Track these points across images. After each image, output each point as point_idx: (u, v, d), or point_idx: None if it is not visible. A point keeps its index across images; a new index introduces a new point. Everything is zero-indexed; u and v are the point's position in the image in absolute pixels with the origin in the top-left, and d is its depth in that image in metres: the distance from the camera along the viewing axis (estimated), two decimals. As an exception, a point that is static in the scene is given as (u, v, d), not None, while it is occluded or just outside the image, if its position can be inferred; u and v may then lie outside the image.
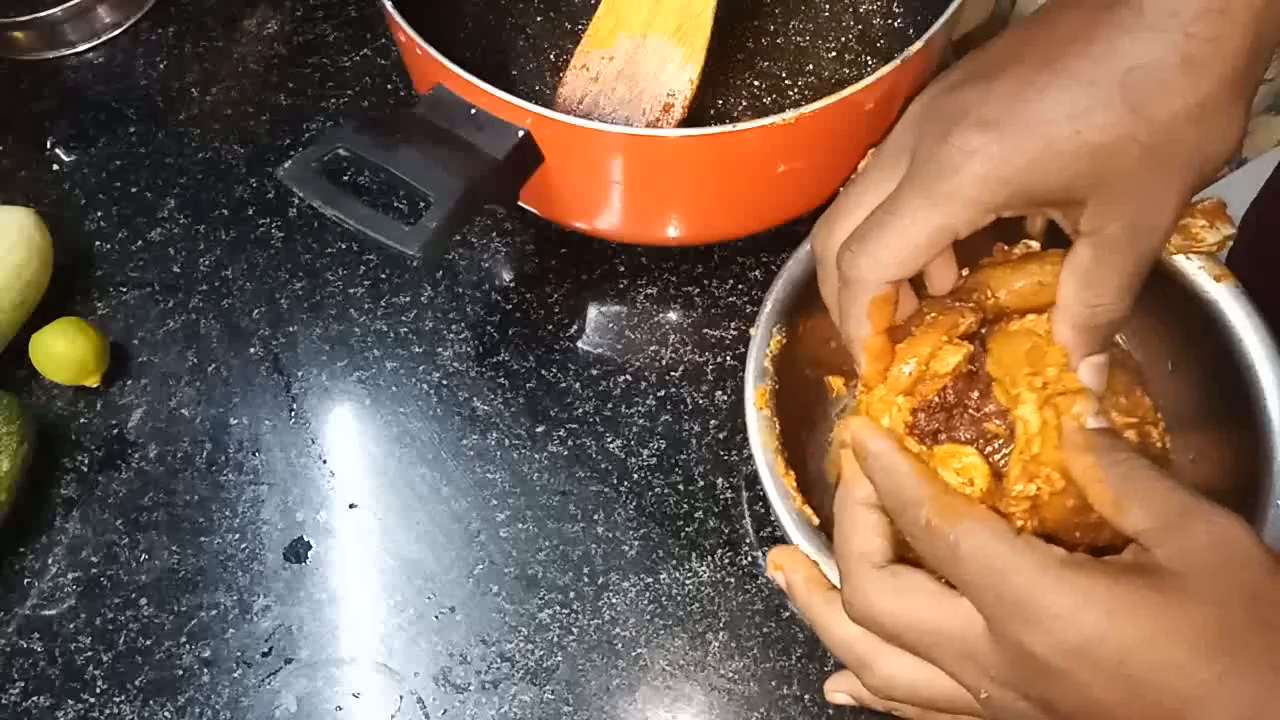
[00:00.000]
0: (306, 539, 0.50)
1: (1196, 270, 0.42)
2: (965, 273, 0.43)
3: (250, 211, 0.59)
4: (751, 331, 0.43)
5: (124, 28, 0.66)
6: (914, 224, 0.34)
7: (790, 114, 0.43)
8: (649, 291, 0.56)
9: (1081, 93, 0.32)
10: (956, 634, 0.31)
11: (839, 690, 0.39)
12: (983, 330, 0.39)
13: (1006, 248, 0.42)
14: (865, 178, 0.37)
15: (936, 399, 0.38)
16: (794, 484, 0.41)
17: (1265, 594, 0.28)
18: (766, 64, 0.60)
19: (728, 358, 0.54)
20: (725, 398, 0.53)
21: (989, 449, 0.37)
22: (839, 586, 0.36)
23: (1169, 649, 0.27)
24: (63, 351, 0.51)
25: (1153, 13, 0.32)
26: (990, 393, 0.37)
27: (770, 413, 0.42)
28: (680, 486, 0.51)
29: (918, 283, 0.38)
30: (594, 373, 0.54)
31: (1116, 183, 0.32)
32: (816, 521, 0.41)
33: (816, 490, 0.44)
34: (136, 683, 0.47)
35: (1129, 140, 0.32)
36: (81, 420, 0.53)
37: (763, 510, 0.50)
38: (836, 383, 0.48)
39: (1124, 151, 0.32)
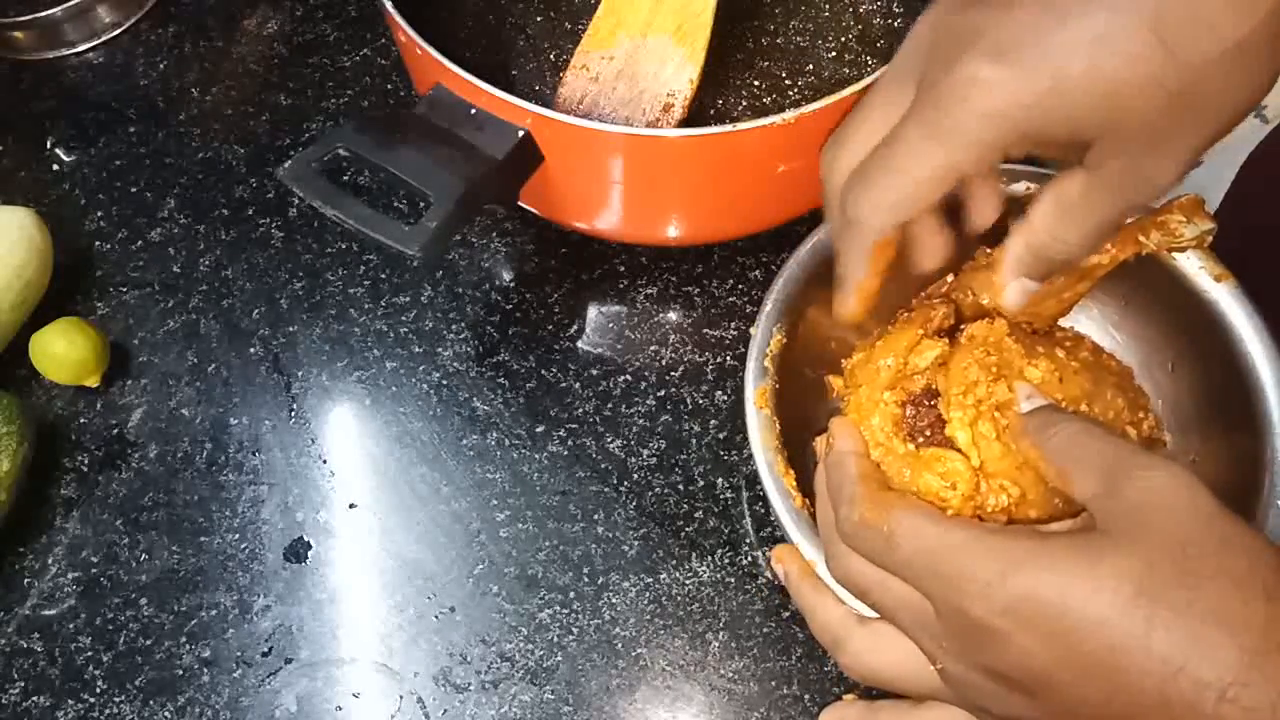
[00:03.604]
0: (306, 539, 0.50)
1: (1197, 270, 0.42)
2: (950, 278, 0.43)
3: (250, 211, 0.59)
4: (751, 331, 0.43)
5: (124, 28, 0.66)
6: (916, 164, 0.31)
7: (790, 114, 0.43)
8: (649, 291, 0.56)
9: (1107, 21, 0.29)
10: (915, 602, 0.32)
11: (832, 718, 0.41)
12: (962, 328, 0.39)
13: (990, 252, 0.42)
14: (872, 99, 0.35)
15: (922, 393, 0.38)
16: (794, 484, 0.41)
17: (1195, 543, 0.28)
18: (766, 64, 0.60)
19: (728, 358, 0.54)
20: (725, 398, 0.53)
21: None
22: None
23: (1096, 602, 0.27)
24: (63, 351, 0.51)
25: None
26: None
27: (770, 412, 0.42)
28: (680, 486, 0.51)
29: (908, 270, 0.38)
30: (594, 373, 0.54)
31: (1132, 127, 0.30)
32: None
33: (816, 490, 0.44)
34: (136, 683, 0.47)
35: (1154, 84, 0.29)
36: (81, 420, 0.53)
37: (763, 510, 0.50)
38: (836, 383, 0.48)
39: (1146, 95, 0.29)
